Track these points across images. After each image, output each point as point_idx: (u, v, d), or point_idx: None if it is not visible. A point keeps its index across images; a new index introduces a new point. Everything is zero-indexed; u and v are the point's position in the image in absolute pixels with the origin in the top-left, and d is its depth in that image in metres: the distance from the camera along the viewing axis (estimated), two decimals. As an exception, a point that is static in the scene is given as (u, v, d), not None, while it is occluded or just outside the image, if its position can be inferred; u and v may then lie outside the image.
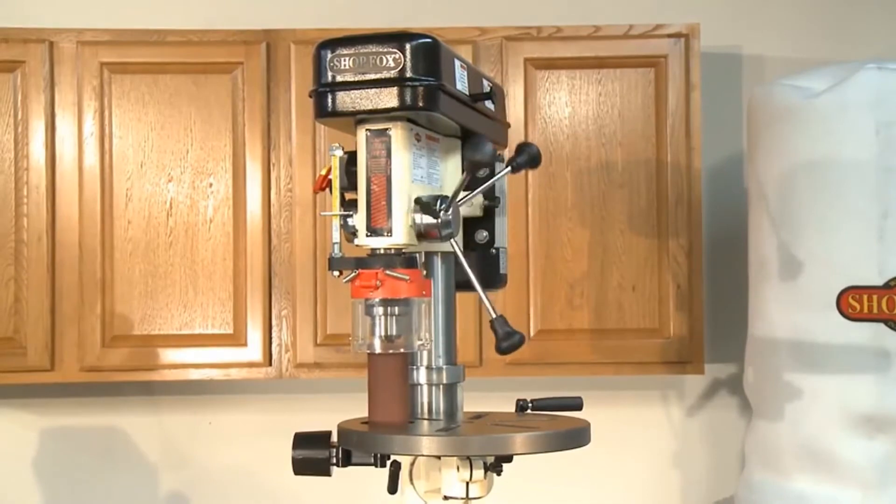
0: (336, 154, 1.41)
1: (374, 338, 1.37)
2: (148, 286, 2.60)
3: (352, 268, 1.37)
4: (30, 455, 2.92)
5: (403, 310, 1.37)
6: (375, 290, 1.35)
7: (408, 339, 1.38)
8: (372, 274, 1.35)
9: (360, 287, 1.36)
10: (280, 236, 2.62)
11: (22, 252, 2.57)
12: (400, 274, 1.35)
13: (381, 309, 1.37)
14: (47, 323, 2.57)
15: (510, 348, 1.37)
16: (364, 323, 1.38)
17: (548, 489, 2.92)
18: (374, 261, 1.36)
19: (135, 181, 2.61)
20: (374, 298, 1.36)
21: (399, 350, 1.38)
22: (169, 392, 2.95)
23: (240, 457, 2.95)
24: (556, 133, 2.64)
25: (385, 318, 1.37)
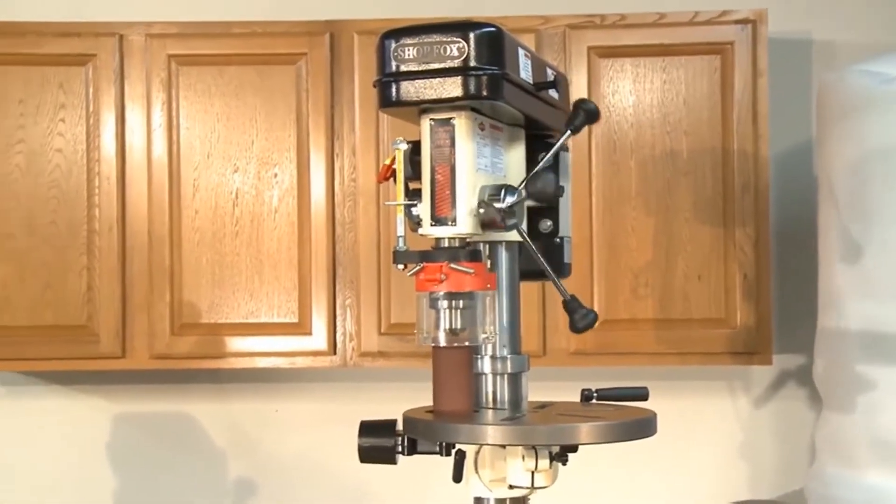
0: (400, 148, 1.41)
1: (438, 331, 1.37)
2: (215, 275, 2.64)
3: (416, 261, 1.37)
4: (102, 440, 2.98)
5: (468, 303, 1.37)
6: (440, 283, 1.35)
7: (472, 333, 1.38)
8: (436, 267, 1.35)
9: (424, 280, 1.36)
10: (344, 226, 2.64)
11: (94, 241, 2.63)
12: (464, 267, 1.35)
13: (445, 302, 1.37)
14: (118, 311, 2.62)
15: (587, 326, 1.36)
16: (429, 316, 1.38)
17: (613, 480, 2.90)
18: (438, 254, 1.36)
19: (201, 171, 2.64)
20: (439, 292, 1.36)
21: (464, 343, 1.37)
22: (236, 380, 2.99)
23: (306, 444, 2.99)
24: (619, 122, 2.62)
25: (450, 312, 1.37)
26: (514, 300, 1.52)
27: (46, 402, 2.99)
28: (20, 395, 3.00)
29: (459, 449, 1.40)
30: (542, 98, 1.50)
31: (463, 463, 1.40)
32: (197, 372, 2.92)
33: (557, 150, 1.44)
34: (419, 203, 1.40)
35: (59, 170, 2.63)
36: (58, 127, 2.64)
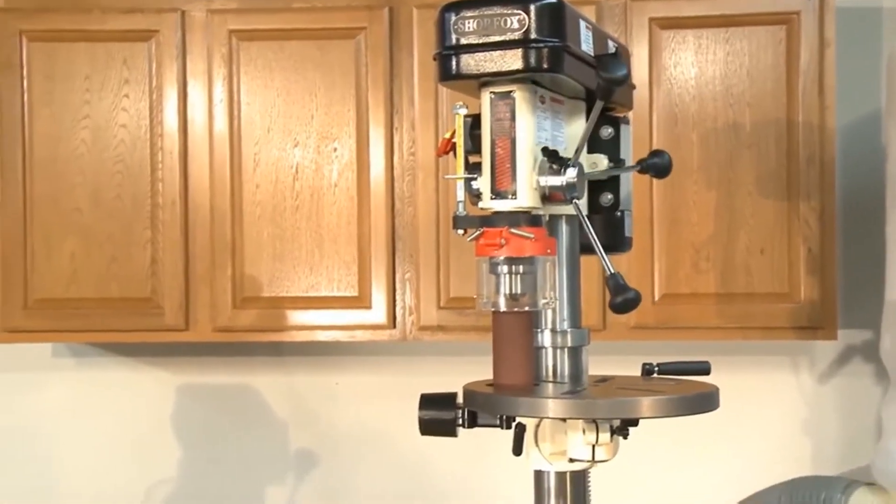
0: (460, 112, 1.40)
1: (498, 296, 1.37)
2: (276, 249, 2.66)
3: (476, 226, 1.37)
4: (167, 411, 3.04)
5: (528, 268, 1.37)
6: (500, 248, 1.35)
7: (532, 298, 1.37)
8: (496, 232, 1.35)
9: (484, 245, 1.36)
10: (403, 200, 2.65)
11: (158, 216, 2.67)
12: (524, 232, 1.35)
13: (505, 267, 1.36)
14: (182, 284, 2.66)
15: (623, 305, 1.35)
16: (489, 281, 1.38)
17: (673, 455, 2.89)
18: (498, 219, 1.36)
19: (262, 146, 2.67)
20: (499, 257, 1.36)
21: (524, 308, 1.37)
22: (297, 353, 3.02)
23: (366, 417, 3.01)
24: (681, 94, 2.59)
25: (510, 277, 1.37)
26: (574, 273, 1.51)
27: (112, 374, 3.06)
28: (88, 366, 3.07)
29: (519, 422, 1.40)
30: (604, 70, 1.48)
31: (523, 436, 1.40)
32: (258, 345, 2.96)
33: (591, 125, 1.41)
34: (479, 177, 1.39)
35: (124, 144, 2.67)
36: (122, 102, 2.68)
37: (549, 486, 1.43)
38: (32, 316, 2.68)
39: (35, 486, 3.04)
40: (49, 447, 3.05)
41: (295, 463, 3.02)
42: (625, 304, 1.35)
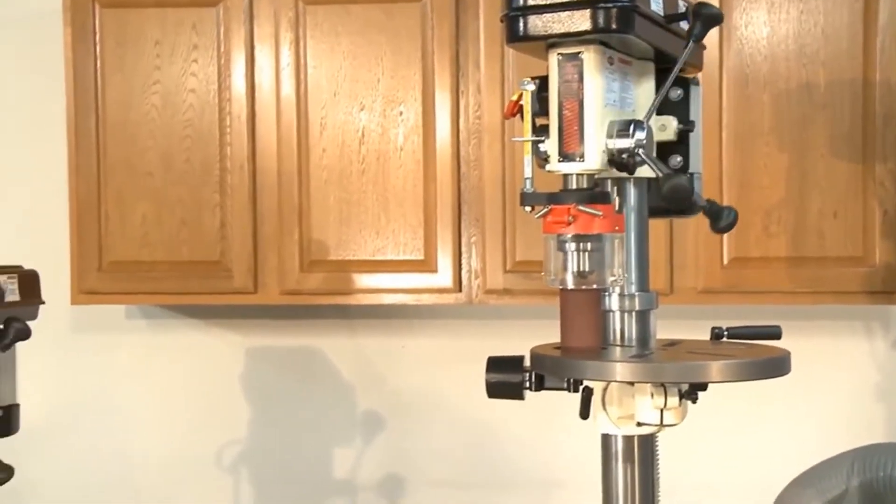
0: (527, 89, 1.39)
1: (566, 273, 1.36)
2: (342, 213, 2.68)
3: (544, 203, 1.36)
4: (236, 373, 3.08)
5: (596, 245, 1.35)
6: (568, 225, 1.34)
7: (600, 275, 1.36)
8: (564, 209, 1.34)
9: (552, 223, 1.35)
10: (469, 164, 2.64)
11: (226, 180, 2.69)
12: (593, 209, 1.33)
13: (573, 244, 1.35)
14: (250, 248, 2.69)
15: (728, 227, 1.32)
16: (556, 258, 1.37)
17: (743, 420, 2.86)
18: (566, 196, 1.35)
19: (329, 110, 2.67)
20: (567, 234, 1.35)
21: (591, 286, 1.36)
22: (363, 315, 3.05)
23: (431, 379, 3.03)
24: (752, 54, 2.54)
25: (577, 254, 1.36)
26: (642, 237, 1.50)
27: (183, 336, 3.11)
28: (160, 328, 3.12)
29: (587, 386, 1.40)
30: (673, 31, 1.46)
31: (590, 400, 1.40)
32: (325, 308, 2.99)
33: (680, 67, 1.38)
34: (546, 139, 1.38)
35: (193, 109, 2.70)
36: (191, 67, 2.70)
37: (616, 450, 1.43)
38: (106, 278, 2.73)
39: (109, 445, 3.12)
40: (122, 407, 3.12)
41: (362, 425, 3.05)
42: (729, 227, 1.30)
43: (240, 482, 3.08)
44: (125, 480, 3.10)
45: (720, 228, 1.31)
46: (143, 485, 3.09)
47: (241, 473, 3.08)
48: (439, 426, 3.03)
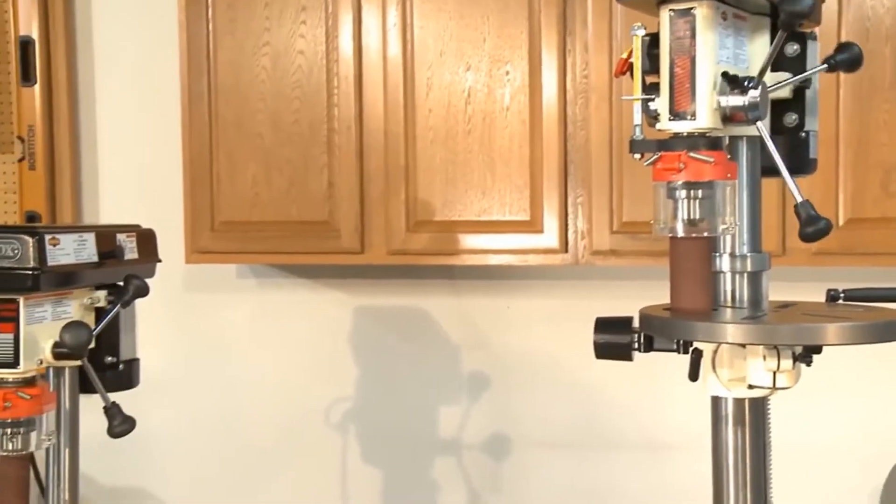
0: (638, 34, 1.37)
1: (676, 221, 1.34)
2: (448, 173, 2.69)
3: (653, 150, 1.34)
4: (344, 331, 3.13)
5: (707, 193, 1.33)
6: (678, 172, 1.32)
7: (711, 223, 1.34)
8: (675, 156, 1.32)
9: (662, 170, 1.33)
10: (575, 123, 2.62)
11: (333, 140, 2.73)
12: (704, 156, 1.31)
13: (683, 192, 1.33)
14: (357, 208, 2.72)
15: (815, 234, 1.30)
16: (666, 206, 1.35)
17: (859, 385, 2.79)
18: (676, 143, 1.32)
19: (435, 70, 2.68)
20: (677, 181, 1.33)
21: (702, 234, 1.34)
22: (469, 276, 3.06)
23: (537, 340, 3.03)
24: (874, 6, 2.44)
25: (688, 202, 1.33)
26: (754, 197, 1.46)
27: (292, 295, 3.17)
28: (269, 287, 3.19)
29: (697, 347, 1.39)
30: (790, -17, 1.41)
31: (700, 361, 1.39)
32: (431, 268, 3.01)
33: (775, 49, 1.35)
34: (657, 97, 1.36)
35: (301, 71, 2.74)
36: (299, 29, 2.73)
37: (726, 413, 1.41)
38: (218, 238, 2.80)
39: (222, 399, 3.21)
40: (234, 364, 3.20)
41: (467, 385, 3.08)
42: (815, 234, 1.29)
43: (347, 439, 3.14)
44: (237, 433, 3.19)
45: (806, 235, 1.28)
46: (255, 439, 3.18)
47: (349, 430, 3.14)
48: (544, 387, 3.03)
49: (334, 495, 3.13)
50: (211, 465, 3.19)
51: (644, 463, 2.98)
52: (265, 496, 3.18)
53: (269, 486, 3.17)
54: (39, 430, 1.64)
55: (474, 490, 3.07)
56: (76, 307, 1.72)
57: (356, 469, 3.12)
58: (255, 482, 3.18)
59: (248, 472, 3.18)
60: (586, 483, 3.02)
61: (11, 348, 1.58)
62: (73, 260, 1.66)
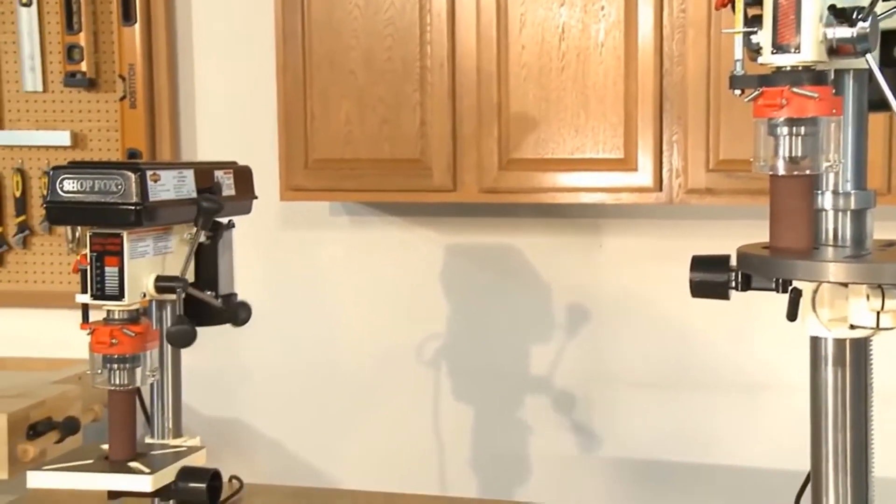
0: (740, -34, 1.33)
1: (777, 159, 1.31)
2: (541, 110, 2.66)
3: (755, 86, 1.31)
4: (436, 270, 3.15)
5: (810, 129, 1.29)
6: (780, 108, 1.28)
7: (814, 161, 1.30)
8: (777, 92, 1.28)
9: (763, 106, 1.30)
10: (672, 59, 2.56)
11: (426, 78, 2.72)
12: (808, 91, 1.27)
13: (785, 128, 1.30)
14: (449, 146, 2.72)
15: None
16: (766, 144, 1.32)
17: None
18: (779, 77, 1.29)
19: (528, 6, 2.64)
20: (779, 118, 1.30)
21: (804, 172, 1.31)
22: (561, 214, 3.04)
23: (629, 280, 3.01)
24: None
25: (790, 139, 1.30)
26: (860, 133, 1.42)
27: (384, 233, 3.20)
28: (362, 225, 3.22)
29: (796, 287, 1.36)
30: None
31: (799, 301, 1.36)
32: (523, 206, 3.00)
33: None
34: (759, 30, 1.32)
35: (394, 7, 2.72)
36: (392, -35, 2.72)
37: (825, 354, 1.38)
38: (312, 176, 2.83)
39: (315, 335, 3.26)
40: (327, 300, 3.25)
41: (558, 324, 3.08)
42: None
43: (438, 375, 3.17)
44: (330, 369, 3.24)
45: None
46: (347, 374, 3.23)
47: (440, 367, 3.17)
48: (637, 326, 3.02)
49: (425, 431, 3.18)
50: (304, 398, 3.26)
51: (740, 403, 2.95)
52: (357, 430, 3.24)
53: (361, 420, 3.23)
54: (144, 366, 1.69)
55: (565, 429, 3.09)
56: (176, 242, 1.77)
57: (447, 405, 3.16)
58: (347, 416, 3.24)
59: (341, 406, 3.24)
60: (679, 424, 3.01)
61: (117, 281, 1.63)
62: (173, 196, 1.70)
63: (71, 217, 1.69)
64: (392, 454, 3.20)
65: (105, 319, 1.67)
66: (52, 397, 2.81)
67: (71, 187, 1.62)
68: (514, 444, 3.12)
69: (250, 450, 3.28)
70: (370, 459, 3.21)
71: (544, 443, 3.10)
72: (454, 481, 3.16)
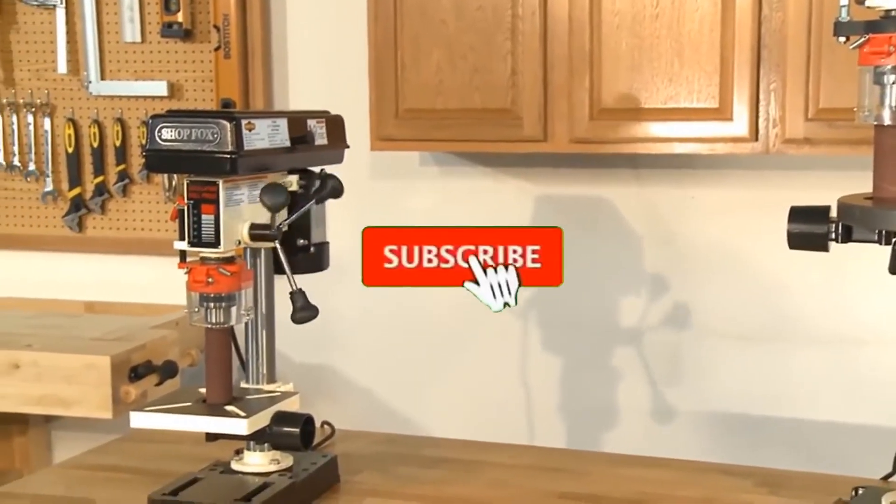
0: None
1: (883, 108, 1.28)
2: (633, 59, 2.62)
3: (861, 32, 1.27)
4: (525, 220, 3.13)
5: (919, 76, 1.25)
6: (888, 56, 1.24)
7: (922, 110, 1.26)
8: (885, 38, 1.24)
9: (869, 53, 1.27)
10: (771, 5, 2.49)
11: (517, 27, 2.69)
12: (916, 37, 1.23)
13: (892, 77, 1.26)
14: (540, 96, 2.69)
15: None
16: (872, 92, 1.28)
17: None
18: (887, 24, 1.25)
19: (623, -48, 2.59)
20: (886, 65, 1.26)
21: (911, 121, 1.27)
22: (653, 165, 3.00)
23: (721, 232, 2.96)
24: None
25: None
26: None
27: (474, 183, 3.19)
28: (452, 175, 3.22)
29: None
30: None
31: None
32: (614, 156, 2.96)
33: None
34: (867, -29, 1.28)
35: (486, -45, 2.70)
36: (484, -89, 2.69)
37: (929, 308, 1.35)
38: (402, 125, 2.83)
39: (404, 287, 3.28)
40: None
41: (648, 276, 3.05)
42: None
43: (527, 324, 3.17)
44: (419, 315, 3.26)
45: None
46: (435, 321, 3.25)
47: (528, 316, 3.17)
48: (728, 279, 2.97)
49: (514, 380, 3.19)
50: (394, 346, 3.29)
51: (835, 358, 2.90)
52: (445, 378, 3.27)
53: (450, 369, 3.26)
54: (239, 306, 1.73)
55: (654, 381, 3.07)
56: (271, 191, 1.79)
57: (535, 355, 3.16)
58: (436, 365, 3.27)
59: (430, 354, 3.27)
60: (770, 377, 2.96)
61: (213, 229, 1.66)
62: (267, 145, 1.72)
63: (168, 164, 1.73)
64: (480, 403, 3.22)
65: (201, 258, 1.71)
66: (152, 341, 2.89)
67: (169, 135, 1.65)
68: (602, 396, 3.11)
69: (341, 396, 3.34)
70: (458, 408, 3.23)
71: (632, 394, 3.09)
72: (542, 431, 3.17)
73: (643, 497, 1.84)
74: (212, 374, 1.76)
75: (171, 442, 2.03)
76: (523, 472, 1.98)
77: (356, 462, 1.99)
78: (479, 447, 2.15)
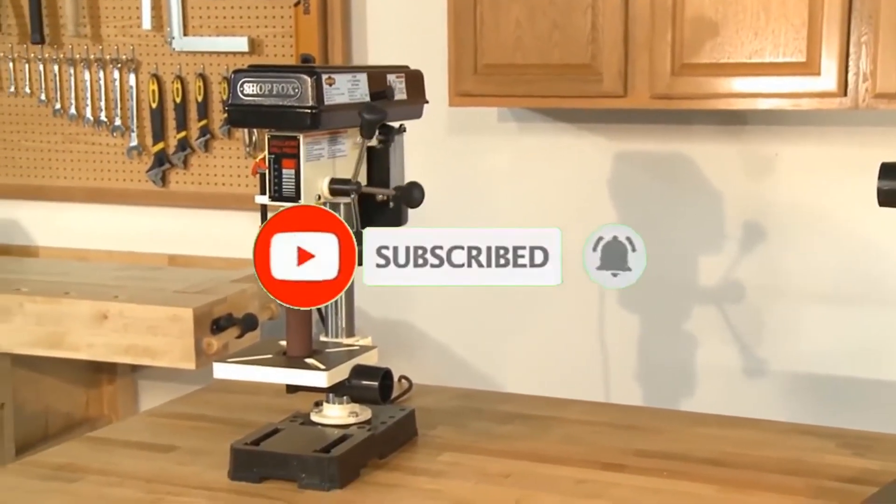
0: None
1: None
2: (718, 12, 2.56)
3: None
4: (604, 177, 3.11)
5: None
6: None
7: None
8: None
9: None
10: (864, -46, 2.42)
11: (599, -20, 2.65)
12: None
13: None
14: (621, 51, 2.65)
15: None
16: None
17: None
18: None
19: None
20: None
21: None
22: (736, 121, 2.94)
23: (806, 190, 2.90)
24: None
25: None
26: None
27: (553, 139, 3.17)
28: (530, 131, 3.20)
29: None
30: None
31: None
32: (696, 113, 2.91)
33: None
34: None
35: None
36: None
37: None
38: (481, 81, 2.82)
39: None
40: (494, 207, 3.25)
41: (730, 234, 3.00)
42: None
43: (605, 283, 3.15)
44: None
45: None
46: (514, 280, 3.25)
47: (606, 275, 3.14)
48: (813, 238, 2.91)
49: (591, 338, 3.18)
50: (471, 302, 3.30)
51: (920, 321, 2.83)
52: (522, 335, 3.27)
53: (527, 326, 3.26)
54: (319, 261, 1.74)
55: (735, 341, 3.03)
56: (350, 146, 1.80)
57: (613, 313, 3.14)
58: (513, 321, 3.27)
59: (507, 311, 3.27)
60: (854, 339, 2.91)
61: (293, 183, 1.68)
62: (347, 99, 1.72)
63: (250, 119, 1.74)
64: (556, 361, 3.22)
65: (283, 212, 1.72)
66: (233, 294, 2.94)
67: (251, 90, 1.66)
68: (680, 355, 3.08)
69: (418, 352, 3.36)
70: (535, 365, 3.24)
71: (711, 355, 3.06)
72: (618, 389, 3.16)
73: (722, 456, 1.82)
74: (292, 328, 1.79)
75: (251, 393, 2.07)
76: (598, 429, 1.98)
77: (433, 416, 2.01)
78: (554, 403, 2.15)
